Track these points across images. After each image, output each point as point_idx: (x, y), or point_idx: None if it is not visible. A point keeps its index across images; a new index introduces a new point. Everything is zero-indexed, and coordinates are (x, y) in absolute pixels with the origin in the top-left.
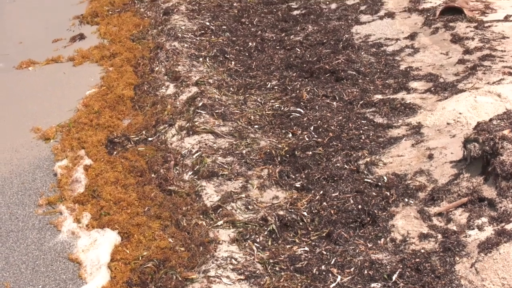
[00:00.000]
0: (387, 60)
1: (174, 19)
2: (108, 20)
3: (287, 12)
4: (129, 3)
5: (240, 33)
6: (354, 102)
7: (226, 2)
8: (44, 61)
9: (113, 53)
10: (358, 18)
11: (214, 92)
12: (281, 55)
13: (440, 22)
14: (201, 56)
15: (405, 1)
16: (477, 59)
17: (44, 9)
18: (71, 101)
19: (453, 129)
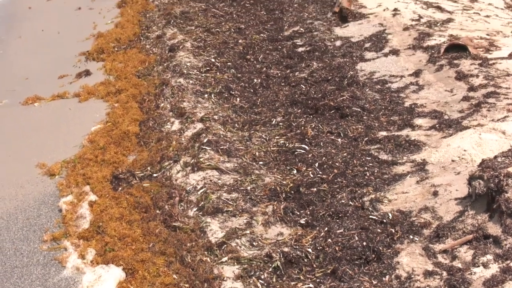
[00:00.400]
0: (391, 97)
1: (179, 55)
2: (114, 57)
3: (292, 49)
4: (135, 39)
5: (245, 70)
6: (359, 138)
7: (231, 39)
8: (50, 97)
9: (119, 89)
10: (363, 55)
11: (219, 128)
12: (286, 92)
13: (444, 59)
14: (206, 92)
15: (409, 39)
16: (482, 96)
17: (50, 45)
18: (76, 137)
19: (458, 166)
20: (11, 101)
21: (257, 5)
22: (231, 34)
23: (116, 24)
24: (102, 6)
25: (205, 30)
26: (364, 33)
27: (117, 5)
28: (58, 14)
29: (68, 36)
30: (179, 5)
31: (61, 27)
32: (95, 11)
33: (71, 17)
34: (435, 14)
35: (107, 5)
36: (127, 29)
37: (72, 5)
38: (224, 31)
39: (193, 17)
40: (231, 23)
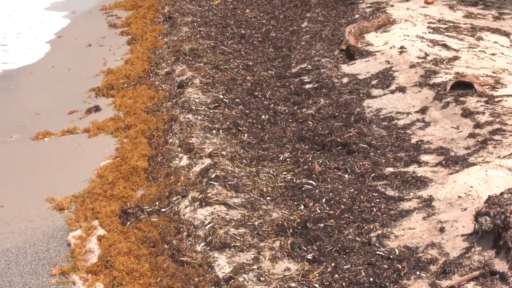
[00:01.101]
0: (398, 133)
1: (188, 92)
2: (124, 93)
3: (299, 85)
4: (144, 76)
5: (253, 106)
6: (365, 174)
7: (240, 76)
8: (60, 132)
9: (128, 125)
10: (369, 92)
11: (227, 164)
12: (294, 128)
13: (450, 96)
14: (215, 128)
15: (416, 76)
16: (488, 133)
17: (60, 81)
18: (85, 172)
19: (464, 202)
20: (21, 136)
21: (265, 43)
22: (240, 71)
23: (126, 61)
24: (112, 43)
25: (214, 67)
26: (371, 70)
27: (127, 42)
28: (69, 51)
29: (79, 72)
30: (188, 43)
31: (71, 63)
32: (105, 48)
33: (82, 53)
34: (441, 52)
35: (117, 42)
36: (136, 65)
37: (83, 42)
38: (233, 68)
39: (202, 54)
40: (239, 60)
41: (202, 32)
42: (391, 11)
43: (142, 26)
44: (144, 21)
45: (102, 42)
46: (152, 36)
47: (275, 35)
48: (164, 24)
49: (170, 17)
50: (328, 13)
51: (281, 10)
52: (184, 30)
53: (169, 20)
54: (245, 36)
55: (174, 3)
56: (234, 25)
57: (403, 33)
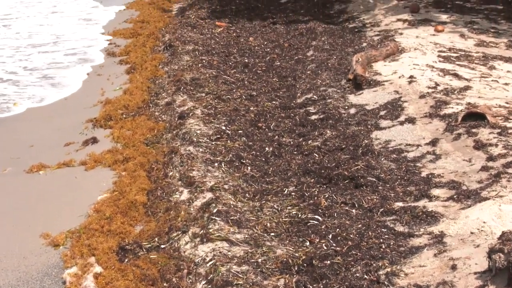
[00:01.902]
0: (408, 166)
1: (189, 123)
2: (122, 124)
3: (305, 116)
4: (144, 106)
5: (256, 138)
6: (374, 209)
7: (243, 106)
8: (56, 165)
9: (126, 157)
10: (378, 123)
11: (230, 198)
12: (299, 161)
13: (462, 128)
14: (217, 161)
15: (426, 107)
16: (501, 166)
17: (56, 112)
18: (82, 206)
19: (477, 238)
20: (15, 169)
21: (269, 72)
22: (243, 101)
23: (125, 91)
24: (110, 72)
25: (216, 97)
26: (379, 100)
27: (126, 71)
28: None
29: (75, 103)
30: (190, 72)
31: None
32: (104, 77)
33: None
34: (452, 82)
35: (115, 71)
36: (135, 95)
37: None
38: (236, 98)
39: (204, 84)
40: (242, 90)
41: (204, 61)
42: (400, 39)
43: (141, 55)
44: (143, 50)
45: (100, 71)
46: (152, 65)
47: (280, 64)
48: (164, 53)
49: (170, 45)
50: (334, 42)
51: (286, 38)
52: (185, 59)
53: (169, 48)
54: (248, 65)
55: (175, 31)
56: (237, 54)
57: (413, 62)
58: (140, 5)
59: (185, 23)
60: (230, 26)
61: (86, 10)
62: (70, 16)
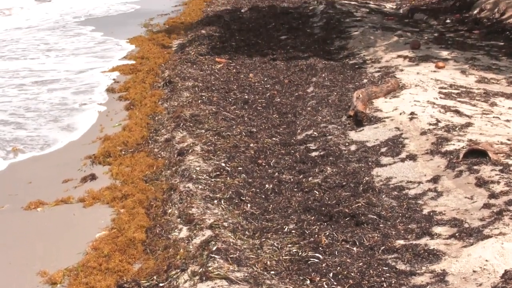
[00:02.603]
0: (409, 204)
1: (188, 160)
2: (121, 160)
3: (305, 153)
4: (143, 143)
5: (256, 175)
6: (375, 247)
7: (243, 143)
8: (54, 202)
9: (125, 194)
10: (378, 160)
11: (229, 236)
12: (299, 198)
13: (464, 165)
14: (216, 198)
15: (427, 143)
16: (504, 203)
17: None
18: (80, 244)
19: (480, 277)
20: (13, 206)
21: (269, 108)
22: (242, 138)
23: (124, 127)
24: (109, 108)
25: (216, 133)
26: (380, 137)
27: (125, 108)
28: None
29: (73, 139)
30: (189, 108)
31: (66, 130)
32: (103, 113)
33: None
34: (453, 118)
35: (114, 108)
36: (135, 132)
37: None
38: (235, 134)
39: (203, 120)
40: (242, 126)
41: (204, 97)
42: (400, 75)
43: (141, 91)
44: (143, 86)
45: (99, 108)
46: (151, 101)
47: (280, 101)
48: (164, 89)
49: (170, 81)
50: (335, 78)
51: (286, 74)
52: (184, 95)
53: (169, 84)
54: (248, 101)
55: (174, 67)
56: (237, 90)
57: (414, 98)
58: (140, 41)
59: (185, 59)
60: (230, 62)
61: (87, 45)
62: (70, 52)
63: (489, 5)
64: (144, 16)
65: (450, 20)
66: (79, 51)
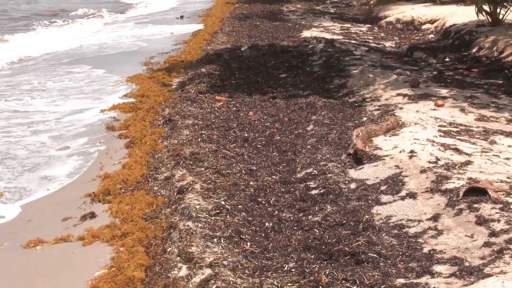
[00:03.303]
0: (409, 242)
1: (188, 198)
2: (121, 198)
3: (305, 191)
4: (143, 181)
5: (256, 213)
6: (375, 286)
7: (242, 181)
8: (53, 240)
9: (125, 232)
10: (378, 198)
11: (229, 274)
12: (299, 236)
13: (464, 203)
14: (216, 236)
15: (427, 181)
16: (504, 242)
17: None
18: (79, 283)
19: None
20: (12, 244)
21: (269, 146)
22: (242, 176)
23: (124, 165)
24: (109, 146)
25: (215, 171)
26: (379, 175)
27: (125, 146)
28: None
29: (73, 177)
30: (189, 146)
31: (65, 168)
32: (102, 151)
33: (77, 157)
34: (453, 157)
35: (114, 146)
36: (134, 170)
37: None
38: (235, 172)
39: (203, 158)
40: (242, 164)
41: (204, 135)
42: (400, 113)
43: (141, 129)
44: (143, 124)
45: (99, 146)
46: (151, 139)
47: (280, 139)
48: (164, 127)
49: (170, 119)
50: (334, 116)
51: (286, 112)
52: (184, 133)
53: (169, 122)
54: (248, 139)
55: (174, 105)
56: (237, 128)
57: (413, 136)
58: (140, 79)
59: (185, 98)
60: (230, 101)
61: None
62: (70, 91)
63: (488, 43)
64: (145, 55)
65: (449, 58)
66: (78, 90)
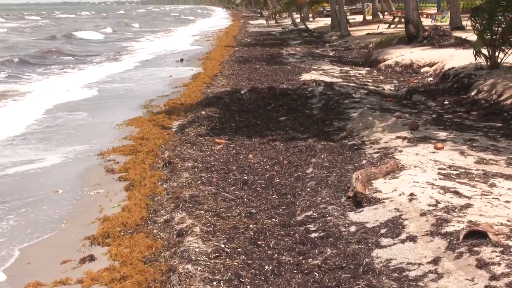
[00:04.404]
0: (410, 286)
1: (188, 241)
2: (120, 241)
3: (304, 234)
4: (142, 224)
5: (256, 256)
6: None
7: (242, 224)
8: (52, 283)
9: (124, 275)
10: (378, 241)
11: None
12: (299, 280)
13: (464, 246)
14: (215, 280)
15: (427, 224)
16: (505, 285)
17: (55, 230)
18: None
19: None
20: (11, 287)
21: (268, 189)
22: (242, 219)
23: (123, 208)
24: (109, 189)
25: (215, 214)
26: (379, 218)
27: (125, 188)
28: (65, 198)
29: (74, 220)
30: (189, 189)
31: (67, 212)
32: (102, 194)
33: (77, 200)
34: (453, 199)
35: (114, 188)
36: (134, 212)
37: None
38: (235, 215)
39: (203, 201)
40: (241, 207)
41: (203, 178)
42: (399, 156)
43: (140, 172)
44: (143, 167)
45: (98, 188)
46: (151, 182)
47: (279, 181)
48: (163, 170)
49: (170, 162)
50: (334, 159)
51: (285, 155)
52: (184, 176)
53: (169, 165)
54: (248, 182)
55: (174, 148)
56: (237, 171)
57: (413, 179)
58: (140, 122)
59: (184, 140)
60: (230, 143)
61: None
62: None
63: (487, 86)
64: (145, 97)
65: (448, 101)
66: (79, 133)
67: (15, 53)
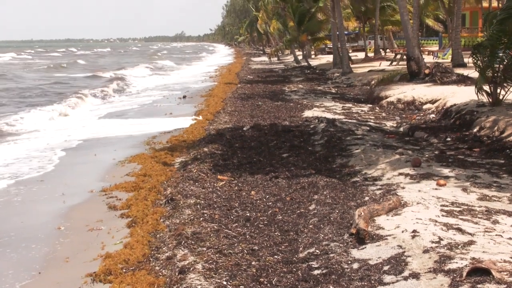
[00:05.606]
0: None
1: (190, 278)
2: (122, 279)
3: (307, 271)
4: (144, 261)
5: None
6: None
7: (244, 261)
8: None
9: None
10: (381, 278)
11: None
12: None
13: (467, 283)
14: None
15: (430, 261)
16: None
17: (55, 267)
18: None
19: None
20: None
21: (271, 226)
22: (244, 256)
23: (125, 245)
24: (111, 225)
25: (217, 251)
26: (382, 255)
27: (127, 225)
28: (67, 235)
29: (75, 257)
30: (191, 226)
31: (67, 248)
32: (104, 231)
33: (79, 237)
34: (455, 236)
35: (116, 225)
36: (136, 249)
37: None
38: (237, 252)
39: (205, 238)
40: (244, 244)
41: (206, 214)
42: (402, 193)
43: (143, 209)
44: (145, 203)
45: (99, 225)
46: (153, 219)
47: (282, 218)
48: (166, 206)
49: (172, 199)
50: (336, 196)
51: (288, 192)
52: (186, 213)
53: (171, 202)
54: (250, 219)
55: (176, 185)
56: (239, 208)
57: (415, 216)
58: (143, 159)
59: (187, 177)
60: (232, 180)
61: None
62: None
63: (489, 123)
64: (147, 134)
65: (450, 138)
66: (82, 170)
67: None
